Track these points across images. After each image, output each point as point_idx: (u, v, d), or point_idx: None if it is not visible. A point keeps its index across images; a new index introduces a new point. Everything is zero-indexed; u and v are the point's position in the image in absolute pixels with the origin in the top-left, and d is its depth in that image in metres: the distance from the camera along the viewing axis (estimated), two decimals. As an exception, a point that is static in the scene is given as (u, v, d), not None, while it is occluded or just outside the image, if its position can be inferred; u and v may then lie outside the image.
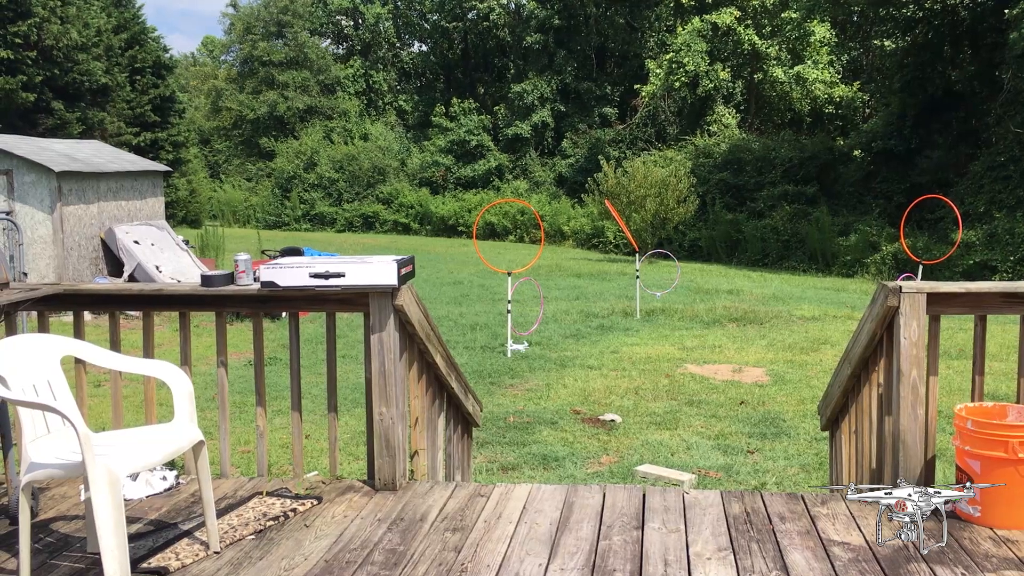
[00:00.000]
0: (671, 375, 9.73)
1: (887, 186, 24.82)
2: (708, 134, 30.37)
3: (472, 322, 13.04)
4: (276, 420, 7.80)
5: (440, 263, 22.20)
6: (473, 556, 3.13)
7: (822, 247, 22.55)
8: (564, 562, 3.07)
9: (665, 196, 23.01)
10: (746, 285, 18.07)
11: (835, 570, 2.96)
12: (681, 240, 25.43)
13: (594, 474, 6.48)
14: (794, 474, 6.48)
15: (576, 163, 33.96)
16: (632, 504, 3.63)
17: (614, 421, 7.88)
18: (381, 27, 45.49)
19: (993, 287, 3.49)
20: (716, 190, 27.01)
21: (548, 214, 30.52)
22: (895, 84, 26.21)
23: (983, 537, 3.22)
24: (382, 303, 3.72)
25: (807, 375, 9.71)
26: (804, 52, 31.67)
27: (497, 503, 3.66)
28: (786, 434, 7.51)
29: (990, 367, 9.30)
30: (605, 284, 17.98)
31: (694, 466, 6.63)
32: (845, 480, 4.40)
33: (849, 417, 4.28)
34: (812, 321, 13.34)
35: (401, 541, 3.28)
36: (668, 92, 31.21)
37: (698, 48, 30.13)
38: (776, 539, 3.24)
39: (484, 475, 6.45)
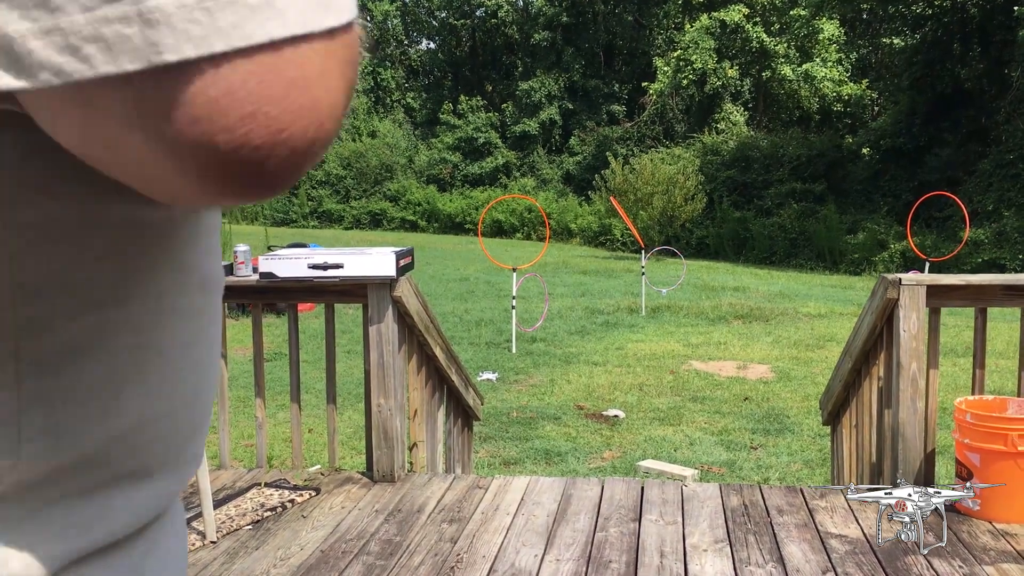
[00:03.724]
0: (675, 371, 9.71)
1: (895, 184, 24.73)
2: (716, 132, 30.31)
3: (477, 318, 13.04)
4: (280, 415, 7.81)
5: (447, 260, 22.21)
6: (469, 547, 3.13)
7: (830, 245, 22.49)
8: (560, 553, 3.06)
9: (673, 194, 22.98)
10: (753, 283, 18.03)
11: (831, 562, 2.95)
12: (688, 238, 25.39)
13: (596, 469, 6.47)
14: (797, 470, 6.46)
15: (583, 161, 33.95)
16: (630, 496, 3.63)
17: (617, 417, 7.87)
18: (389, 24, 45.53)
19: (994, 279, 3.47)
20: (724, 188, 26.96)
21: (555, 212, 30.51)
22: (904, 82, 26.12)
23: (982, 530, 3.21)
24: (380, 294, 3.72)
25: (812, 372, 9.68)
26: (813, 50, 31.57)
27: (495, 495, 3.66)
28: (790, 430, 7.49)
29: (997, 364, 9.25)
30: (611, 281, 17.96)
31: (697, 462, 6.61)
32: (846, 474, 4.38)
33: (850, 411, 4.27)
34: (818, 318, 13.31)
35: (397, 532, 3.28)
36: (676, 90, 31.17)
37: (706, 45, 30.08)
38: (773, 531, 3.23)
39: (486, 469, 6.45)
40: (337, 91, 0.40)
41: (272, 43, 0.37)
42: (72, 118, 0.39)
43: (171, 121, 0.37)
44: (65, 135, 0.40)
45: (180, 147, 0.37)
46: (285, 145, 0.38)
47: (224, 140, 0.37)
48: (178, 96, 0.36)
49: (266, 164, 0.38)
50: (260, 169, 0.39)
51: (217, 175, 0.39)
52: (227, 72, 0.36)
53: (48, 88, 0.37)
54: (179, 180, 0.40)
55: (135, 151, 0.39)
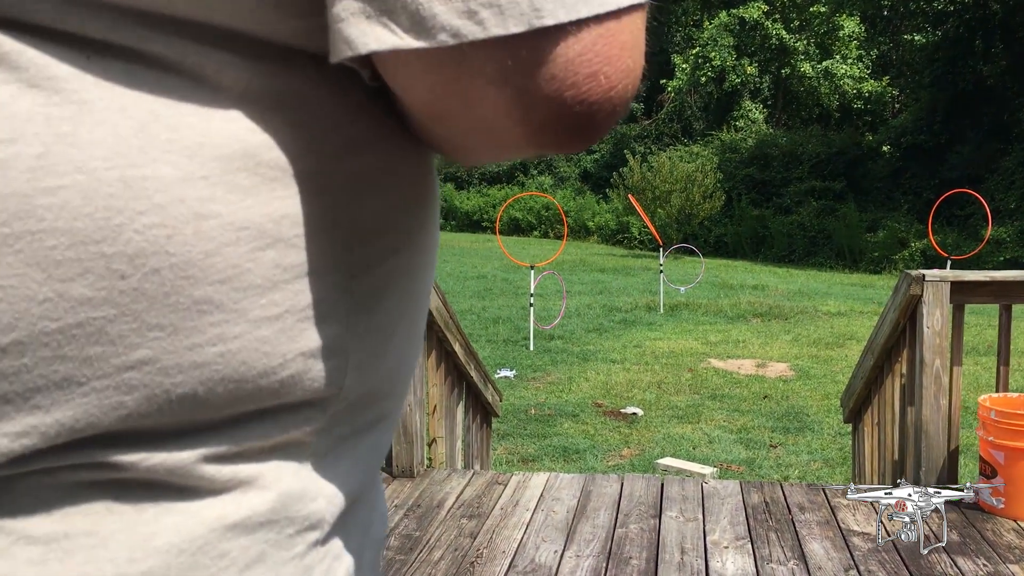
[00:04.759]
0: (694, 369, 9.68)
1: (916, 182, 24.54)
2: (735, 129, 30.17)
3: (495, 316, 13.04)
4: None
5: (464, 258, 22.23)
6: (489, 542, 3.13)
7: (850, 243, 22.34)
8: (580, 549, 3.06)
9: (691, 191, 22.89)
10: (771, 281, 17.95)
11: (854, 560, 2.93)
12: (707, 236, 25.29)
13: (615, 466, 6.46)
14: (817, 468, 6.42)
15: (601, 159, 33.88)
16: (650, 493, 3.61)
17: (636, 414, 7.85)
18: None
19: (1019, 275, 3.43)
20: (742, 186, 26.83)
21: (573, 209, 30.47)
22: (925, 79, 25.91)
23: (1006, 528, 3.17)
24: (400, 290, 3.72)
25: (832, 370, 9.62)
26: (833, 47, 31.38)
27: (514, 491, 3.65)
28: (810, 428, 7.45)
29: (1020, 363, 9.17)
30: (629, 279, 17.92)
31: (716, 460, 6.59)
32: (868, 472, 4.35)
33: (872, 409, 4.23)
34: (838, 317, 13.23)
35: (417, 527, 3.28)
36: (694, 87, 31.05)
37: (725, 43, 29.95)
38: (795, 529, 3.21)
39: (504, 466, 6.45)
40: (642, 56, 0.45)
41: (618, 10, 0.42)
42: (439, 76, 0.43)
43: (533, 78, 0.41)
44: (422, 92, 0.44)
45: (534, 101, 0.42)
46: (611, 101, 0.43)
47: (570, 95, 0.42)
48: (544, 56, 0.41)
49: (594, 118, 0.43)
50: (589, 122, 0.43)
51: (555, 126, 0.43)
52: (584, 35, 0.41)
53: (437, 49, 0.41)
54: (518, 130, 0.44)
55: (490, 105, 0.43)
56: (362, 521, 0.57)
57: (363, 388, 0.52)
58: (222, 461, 0.46)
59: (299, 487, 0.49)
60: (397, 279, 0.53)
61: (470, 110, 0.44)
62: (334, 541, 0.52)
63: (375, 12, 0.41)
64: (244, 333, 0.45)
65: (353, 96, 0.48)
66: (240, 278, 0.44)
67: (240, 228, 0.44)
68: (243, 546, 0.46)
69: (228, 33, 0.44)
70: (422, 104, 0.45)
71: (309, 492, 0.49)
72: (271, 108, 0.45)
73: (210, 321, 0.44)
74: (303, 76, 0.46)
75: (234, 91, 0.44)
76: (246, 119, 0.44)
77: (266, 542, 0.47)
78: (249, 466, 0.47)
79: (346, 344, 0.49)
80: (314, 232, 0.47)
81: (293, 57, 0.46)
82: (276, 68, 0.45)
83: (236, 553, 0.46)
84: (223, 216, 0.43)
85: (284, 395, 0.47)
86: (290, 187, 0.46)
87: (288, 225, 0.45)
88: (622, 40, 0.43)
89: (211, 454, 0.45)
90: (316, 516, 0.50)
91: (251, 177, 0.44)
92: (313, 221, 0.47)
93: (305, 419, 0.49)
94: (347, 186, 0.48)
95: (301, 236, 0.46)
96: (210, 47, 0.44)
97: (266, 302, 0.45)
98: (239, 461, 0.47)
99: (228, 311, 0.44)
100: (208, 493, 0.46)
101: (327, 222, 0.47)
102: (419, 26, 0.40)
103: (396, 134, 0.51)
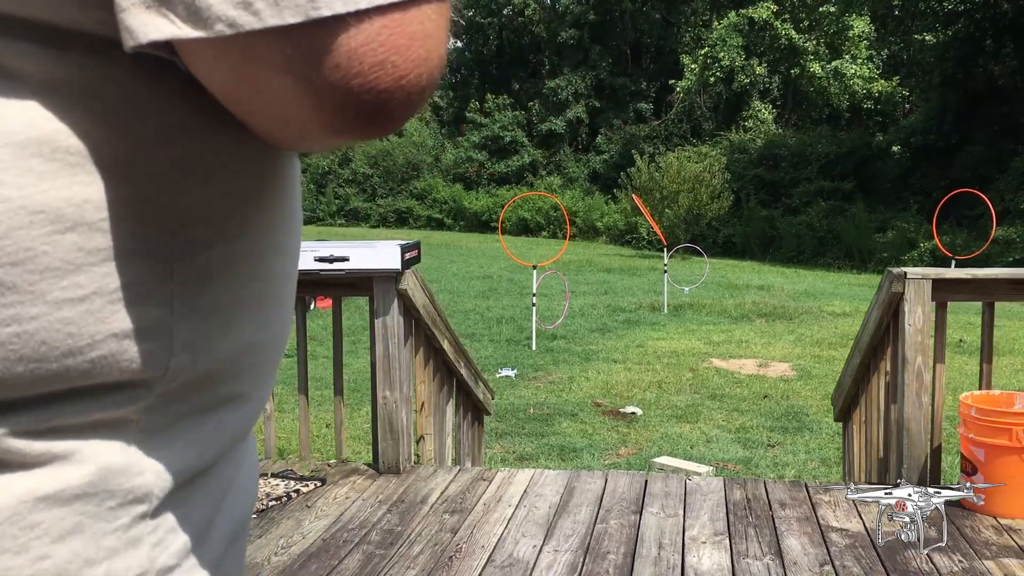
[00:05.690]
0: (695, 369, 9.67)
1: (926, 182, 24.41)
2: (743, 130, 30.09)
3: (499, 315, 13.06)
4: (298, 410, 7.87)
5: (471, 258, 22.26)
6: (469, 537, 3.15)
7: (858, 244, 22.24)
8: (559, 544, 3.08)
9: (699, 192, 22.84)
10: (778, 281, 17.91)
11: (830, 555, 2.94)
12: (715, 236, 25.22)
13: (611, 465, 6.47)
14: (814, 468, 6.41)
15: (610, 159, 33.83)
16: (633, 489, 3.63)
17: (635, 414, 7.86)
18: (417, 24, 45.60)
19: (1000, 273, 3.44)
20: (751, 186, 26.75)
21: (581, 210, 30.44)
22: (935, 79, 25.77)
23: (985, 525, 3.18)
24: (386, 287, 3.75)
25: (834, 370, 9.59)
26: (842, 47, 31.25)
27: (498, 487, 3.68)
28: (808, 428, 7.44)
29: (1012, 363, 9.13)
30: (634, 279, 17.91)
31: (713, 459, 6.59)
32: (856, 470, 4.35)
33: (859, 407, 4.24)
34: (843, 317, 13.19)
35: (399, 522, 3.31)
36: (703, 87, 30.99)
37: (734, 43, 29.88)
38: (774, 525, 3.22)
39: (499, 464, 6.47)
40: (442, 46, 0.46)
41: (403, 2, 0.43)
42: (228, 64, 0.44)
43: (317, 67, 0.43)
44: (218, 80, 0.46)
45: (321, 90, 0.43)
46: (403, 90, 0.45)
47: (358, 84, 0.43)
48: (325, 46, 0.42)
49: (387, 105, 0.45)
50: (382, 109, 0.45)
51: (346, 114, 0.45)
52: (366, 26, 0.43)
53: (218, 38, 0.42)
54: (312, 119, 0.45)
55: (279, 93, 0.45)
56: (212, 496, 0.57)
57: (199, 369, 0.53)
58: (32, 436, 0.47)
59: (122, 462, 0.50)
60: (232, 264, 0.53)
61: (262, 97, 0.46)
62: (166, 515, 0.53)
63: (154, 2, 0.42)
64: (43, 314, 0.46)
65: (173, 84, 0.49)
66: (35, 260, 0.45)
67: (34, 212, 0.45)
68: (57, 517, 0.47)
69: (29, 23, 0.45)
70: (221, 91, 0.47)
71: (134, 467, 0.50)
72: (75, 96, 0.46)
73: (2, 303, 0.45)
74: (113, 65, 0.47)
75: (33, 80, 0.45)
76: (43, 107, 0.45)
77: (83, 514, 0.48)
78: (65, 442, 0.48)
79: (170, 325, 0.50)
80: (124, 217, 0.47)
81: (103, 47, 0.46)
82: (83, 58, 0.46)
83: (48, 524, 0.47)
84: (13, 200, 0.44)
85: (98, 375, 0.48)
86: (93, 173, 0.46)
87: (91, 209, 0.46)
88: (410, 31, 0.44)
89: (20, 430, 0.46)
90: (142, 490, 0.51)
91: (47, 163, 0.45)
92: (123, 206, 0.47)
93: (128, 398, 0.50)
94: (165, 172, 0.49)
95: (107, 220, 0.47)
96: (9, 37, 0.45)
97: (68, 284, 0.46)
98: (52, 437, 0.47)
99: (22, 292, 0.45)
100: (19, 467, 0.46)
101: (141, 207, 0.48)
102: (195, 16, 0.42)
103: (226, 122, 0.51)
